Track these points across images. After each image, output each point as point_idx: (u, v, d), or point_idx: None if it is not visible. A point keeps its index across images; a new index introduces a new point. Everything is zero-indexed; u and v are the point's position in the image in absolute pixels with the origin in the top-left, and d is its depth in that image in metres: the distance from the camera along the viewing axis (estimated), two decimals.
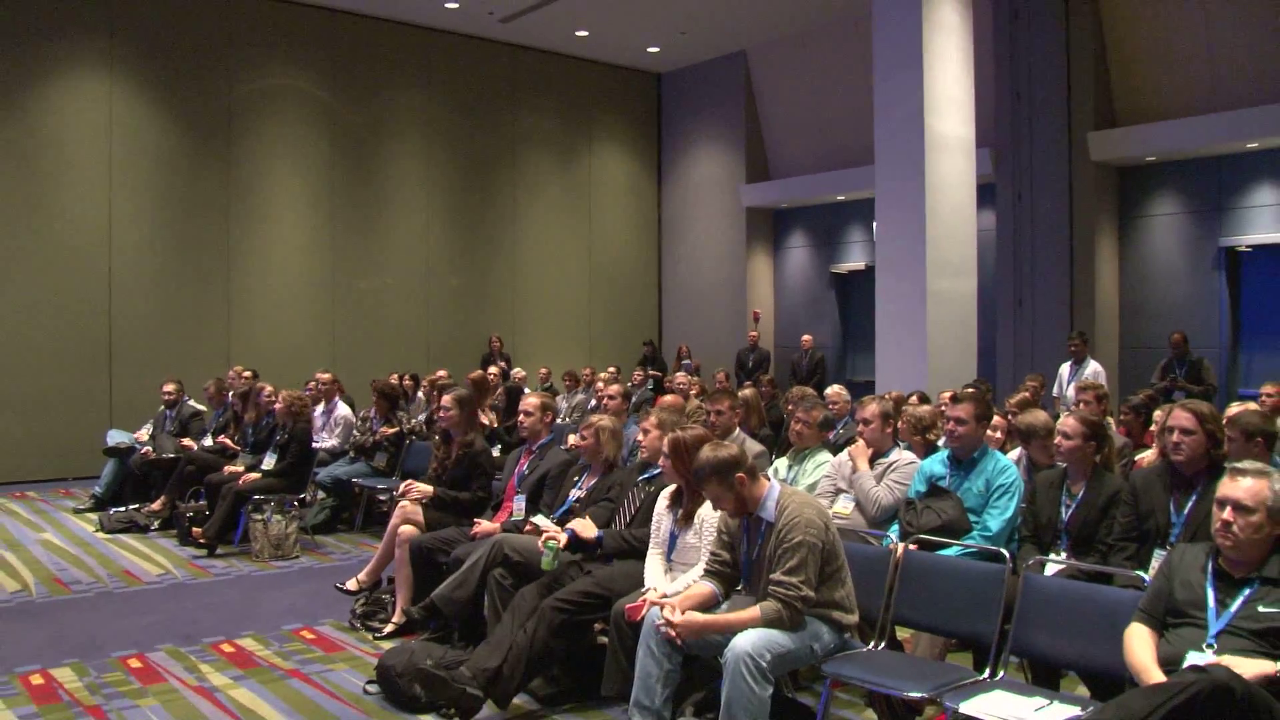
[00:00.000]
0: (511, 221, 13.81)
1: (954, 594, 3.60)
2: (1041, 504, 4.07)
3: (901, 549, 3.83)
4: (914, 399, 6.71)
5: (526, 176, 13.95)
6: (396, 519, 5.31)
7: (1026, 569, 3.58)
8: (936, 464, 4.44)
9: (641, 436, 4.58)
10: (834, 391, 7.02)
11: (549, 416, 5.45)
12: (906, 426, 5.12)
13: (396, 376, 9.92)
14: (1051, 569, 3.77)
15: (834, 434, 6.40)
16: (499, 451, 7.25)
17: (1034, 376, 8.48)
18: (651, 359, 13.65)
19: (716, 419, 5.55)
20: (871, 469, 4.70)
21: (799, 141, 14.04)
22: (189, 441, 8.19)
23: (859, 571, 3.66)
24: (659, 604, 3.49)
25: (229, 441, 8.07)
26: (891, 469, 4.66)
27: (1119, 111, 10.96)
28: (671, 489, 4.07)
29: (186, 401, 8.77)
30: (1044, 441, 4.61)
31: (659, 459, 4.29)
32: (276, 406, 7.34)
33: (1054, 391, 9.17)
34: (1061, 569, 3.77)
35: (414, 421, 8.32)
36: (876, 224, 9.43)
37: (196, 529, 6.96)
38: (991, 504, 4.16)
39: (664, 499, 4.10)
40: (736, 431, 5.56)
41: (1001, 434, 5.37)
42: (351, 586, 5.46)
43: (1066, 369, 9.22)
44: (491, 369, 11.17)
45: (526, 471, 5.26)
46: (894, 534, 4.29)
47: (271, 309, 11.79)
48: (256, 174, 11.69)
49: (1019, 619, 3.39)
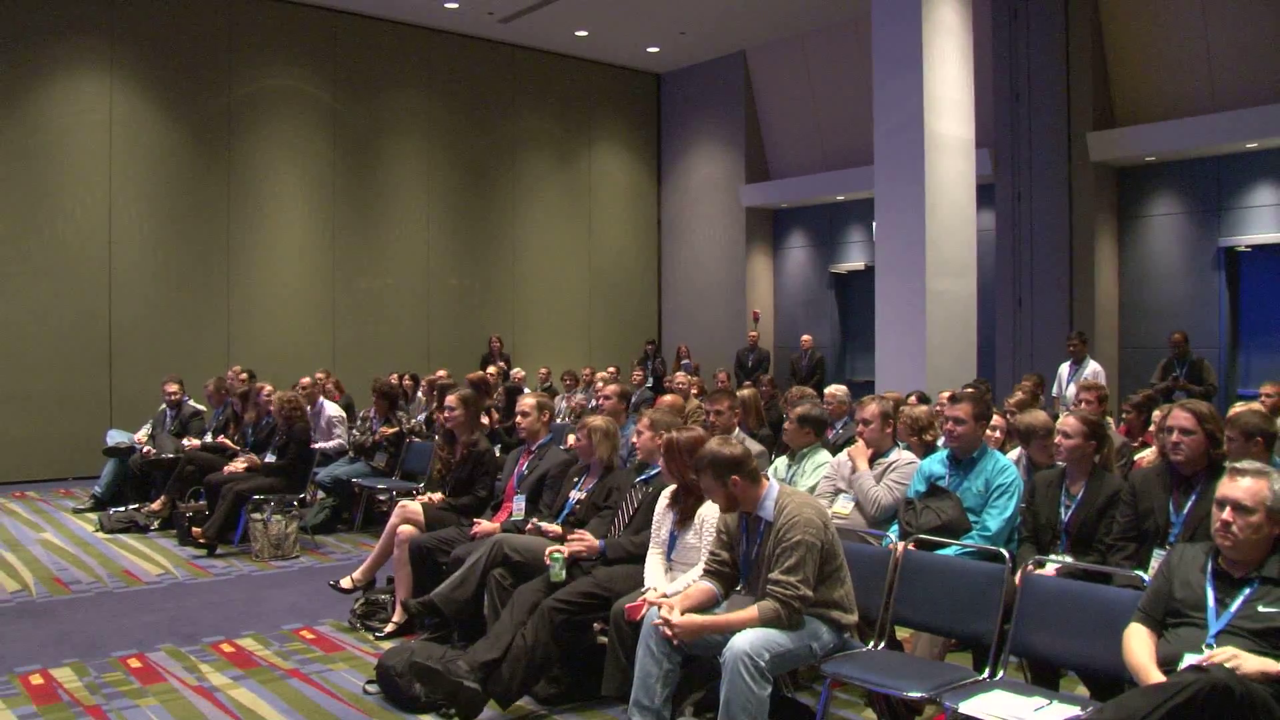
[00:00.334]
0: (511, 221, 13.82)
1: (953, 594, 3.60)
2: (1041, 504, 4.07)
3: (901, 549, 3.83)
4: (911, 399, 6.70)
5: (526, 176, 13.95)
6: (396, 519, 5.31)
7: (1025, 569, 3.58)
8: (936, 464, 4.44)
9: (635, 438, 4.59)
10: (831, 391, 7.02)
11: (546, 416, 5.46)
12: (903, 427, 5.12)
13: (396, 376, 9.92)
14: (1052, 569, 3.77)
15: (834, 434, 6.40)
16: (499, 451, 7.25)
17: (1030, 376, 8.47)
18: (650, 359, 13.62)
19: (716, 419, 5.56)
20: (871, 469, 4.70)
21: (798, 142, 14.04)
22: (195, 441, 8.17)
23: (858, 571, 3.66)
24: (658, 604, 3.49)
25: (229, 441, 8.07)
26: (891, 469, 4.66)
27: (1118, 112, 10.97)
28: (671, 489, 4.07)
29: (187, 401, 8.77)
30: (1044, 441, 4.61)
31: (654, 459, 4.30)
32: (271, 408, 7.35)
33: (1054, 391, 9.17)
34: (1061, 568, 3.77)
35: (414, 422, 8.33)
36: (876, 224, 9.43)
37: (196, 529, 6.97)
38: (990, 504, 4.16)
39: (664, 499, 4.10)
40: (736, 431, 5.57)
41: (1000, 434, 5.37)
42: (346, 584, 5.45)
43: (1066, 369, 9.22)
44: (490, 368, 11.17)
45: (526, 472, 5.26)
46: (894, 534, 4.29)
47: (272, 309, 11.79)
48: (257, 174, 11.70)
49: (1018, 619, 3.39)
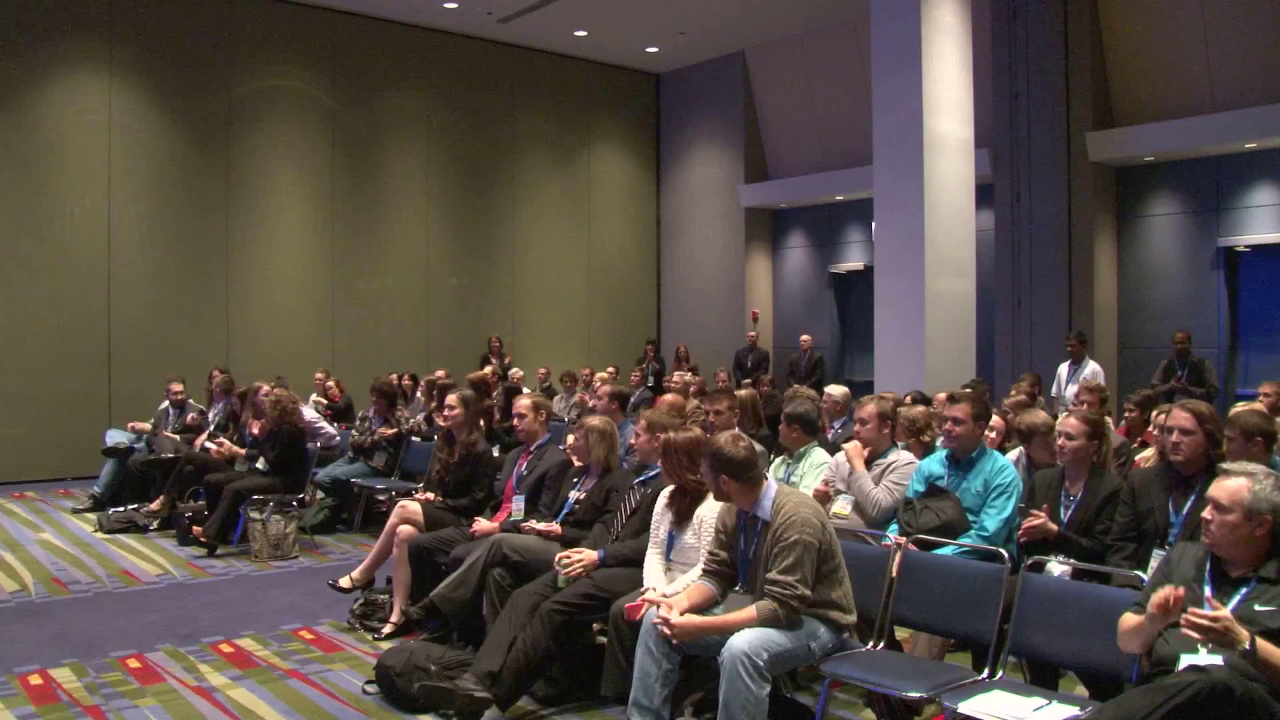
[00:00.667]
0: (511, 221, 13.82)
1: (953, 594, 3.60)
2: (1040, 503, 4.07)
3: (900, 549, 3.83)
4: (908, 399, 6.67)
5: (525, 176, 13.95)
6: (395, 519, 5.31)
7: (1025, 569, 3.58)
8: (935, 464, 4.44)
9: (634, 439, 4.59)
10: (829, 391, 7.01)
11: (543, 416, 5.46)
12: (902, 428, 5.10)
13: (395, 376, 9.91)
14: (1057, 568, 3.77)
15: (832, 434, 6.40)
16: (497, 451, 7.25)
17: (1028, 376, 8.46)
18: (648, 359, 13.59)
19: (715, 419, 5.56)
20: (869, 469, 4.69)
21: (798, 142, 14.04)
22: (206, 440, 8.07)
23: (857, 571, 3.66)
24: (657, 603, 3.49)
25: (228, 442, 8.04)
26: (890, 470, 4.66)
27: (1117, 112, 10.97)
28: (670, 489, 4.07)
29: (188, 401, 8.77)
30: (1045, 439, 4.62)
31: (653, 460, 4.31)
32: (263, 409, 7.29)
33: (1053, 391, 9.17)
34: (1066, 569, 3.76)
35: (412, 421, 8.31)
36: (875, 224, 9.43)
37: (197, 528, 6.96)
38: (989, 504, 4.16)
39: (663, 499, 4.10)
40: (735, 431, 5.55)
41: (997, 434, 5.36)
42: (345, 584, 5.45)
43: (1065, 369, 9.22)
44: (488, 368, 11.16)
45: (525, 472, 5.26)
46: (893, 534, 4.29)
47: (271, 309, 11.78)
48: (256, 174, 11.69)
49: (1017, 619, 3.39)
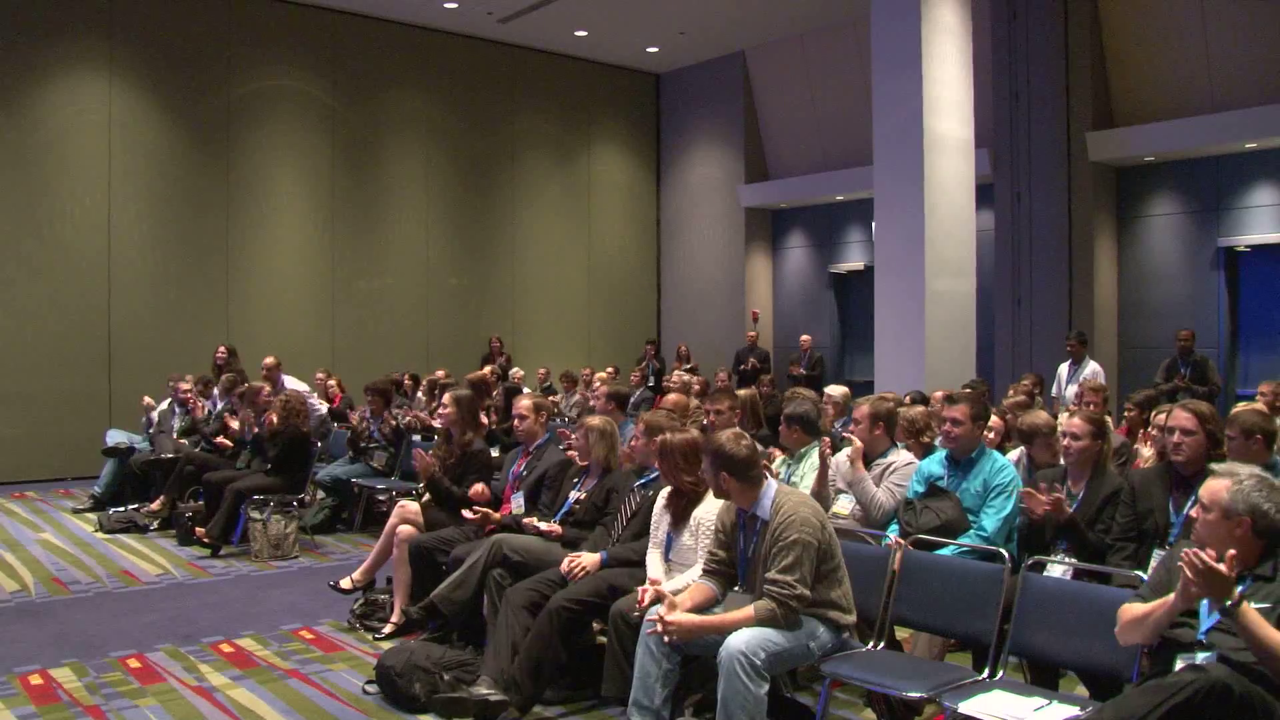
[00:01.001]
0: (511, 221, 13.82)
1: (953, 594, 3.60)
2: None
3: (900, 548, 3.83)
4: (907, 399, 6.66)
5: (526, 176, 13.95)
6: (395, 519, 5.31)
7: (1025, 569, 3.58)
8: (935, 464, 4.44)
9: (634, 442, 4.59)
10: (829, 391, 7.01)
11: (544, 417, 5.46)
12: (901, 429, 5.09)
13: (399, 376, 9.91)
14: (1057, 569, 3.77)
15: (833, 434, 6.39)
16: (497, 452, 7.24)
17: (1029, 376, 8.46)
18: (650, 359, 13.59)
19: (715, 419, 5.55)
20: (867, 470, 4.67)
21: (798, 142, 14.04)
22: (222, 439, 7.97)
23: (858, 571, 3.66)
24: (661, 595, 3.48)
25: (228, 442, 8.03)
26: (890, 470, 4.65)
27: (1117, 112, 10.97)
28: (668, 489, 4.07)
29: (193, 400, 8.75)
30: (1047, 440, 4.62)
31: (651, 462, 4.32)
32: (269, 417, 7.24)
33: (1053, 391, 9.17)
34: (1067, 569, 3.76)
35: (406, 420, 8.19)
36: (875, 224, 9.43)
37: (199, 529, 6.96)
38: (988, 503, 4.15)
39: (663, 499, 4.11)
40: (737, 429, 5.55)
41: (996, 435, 5.35)
42: (346, 585, 5.45)
43: (1065, 369, 9.21)
44: (487, 367, 11.16)
45: (524, 472, 5.26)
46: (893, 534, 4.29)
47: (271, 309, 11.78)
48: (256, 174, 11.69)
49: (1018, 619, 3.39)
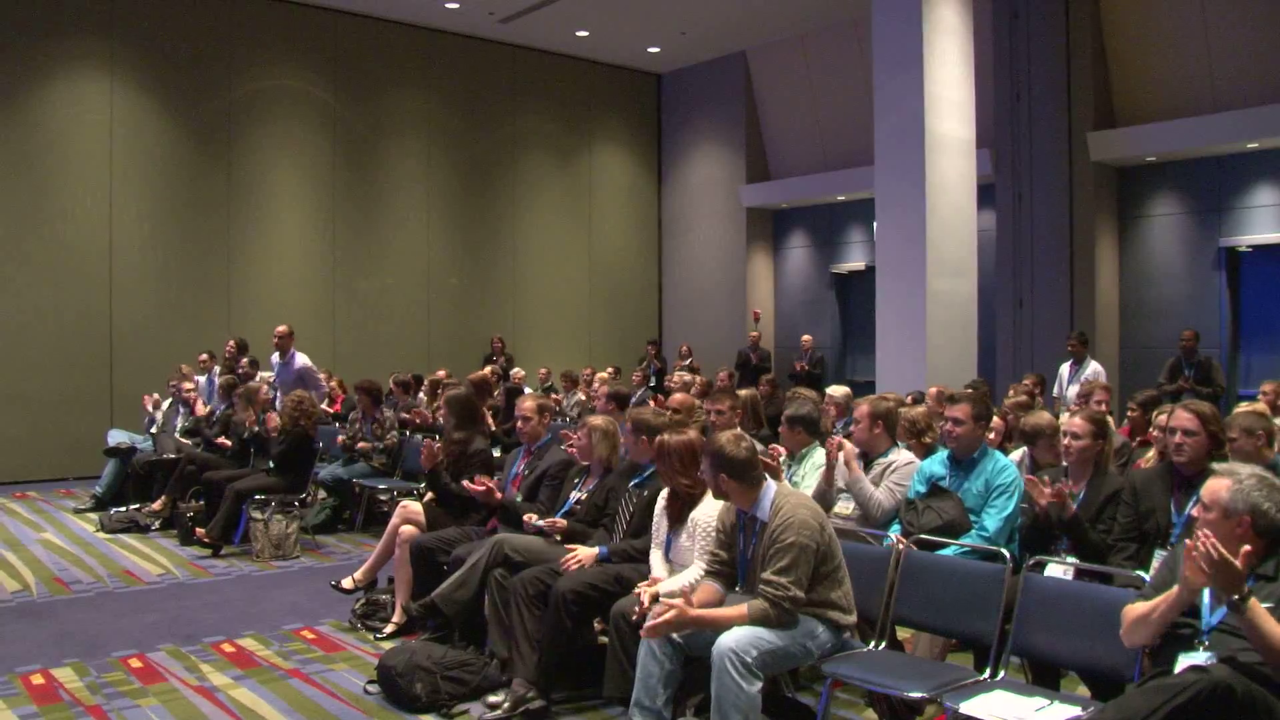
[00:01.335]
0: (512, 221, 13.82)
1: (954, 594, 3.60)
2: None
3: (902, 548, 3.83)
4: (909, 399, 6.66)
5: (526, 177, 13.95)
6: (397, 519, 5.32)
7: (1026, 569, 3.58)
8: (937, 464, 4.44)
9: (623, 438, 4.62)
10: (831, 392, 7.01)
11: (547, 418, 5.47)
12: (902, 429, 5.09)
13: (403, 377, 9.90)
14: (1058, 569, 3.77)
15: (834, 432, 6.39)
16: (499, 452, 7.24)
17: (1030, 376, 8.45)
18: (651, 358, 13.57)
19: (717, 419, 5.55)
20: (867, 470, 4.67)
21: (799, 142, 14.04)
22: (223, 439, 7.97)
23: (859, 571, 3.65)
24: (667, 592, 3.48)
25: (228, 442, 8.03)
26: (891, 470, 4.65)
27: (1118, 112, 10.97)
28: (667, 491, 4.07)
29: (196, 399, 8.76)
30: (1049, 440, 4.62)
31: (642, 459, 4.33)
32: (270, 418, 7.24)
33: (1054, 391, 9.17)
34: (1068, 570, 3.75)
35: (390, 420, 8.11)
36: (876, 224, 9.43)
37: (200, 529, 6.96)
38: (990, 503, 4.15)
39: (663, 499, 4.11)
40: (738, 431, 5.55)
41: (997, 435, 5.35)
42: (347, 585, 5.45)
43: (1066, 369, 9.22)
44: (488, 367, 11.15)
45: (525, 472, 5.27)
46: (894, 534, 4.28)
47: (272, 309, 11.74)
48: (257, 174, 11.70)
49: (1019, 619, 3.39)
